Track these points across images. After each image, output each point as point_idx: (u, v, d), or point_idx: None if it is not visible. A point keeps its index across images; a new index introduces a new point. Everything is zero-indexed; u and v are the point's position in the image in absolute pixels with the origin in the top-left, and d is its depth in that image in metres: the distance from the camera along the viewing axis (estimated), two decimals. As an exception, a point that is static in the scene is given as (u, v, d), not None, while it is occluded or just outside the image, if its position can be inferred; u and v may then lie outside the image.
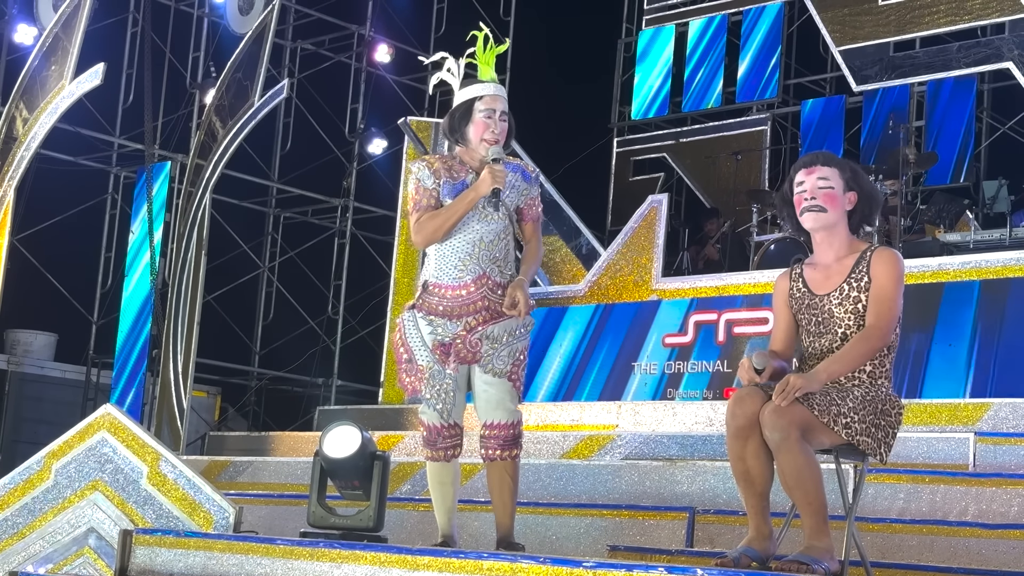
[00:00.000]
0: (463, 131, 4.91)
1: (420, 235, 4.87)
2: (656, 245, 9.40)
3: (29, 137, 10.27)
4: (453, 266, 4.85)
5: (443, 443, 4.87)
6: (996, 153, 13.25)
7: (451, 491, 4.94)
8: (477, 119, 4.88)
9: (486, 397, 4.83)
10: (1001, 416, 6.83)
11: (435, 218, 4.83)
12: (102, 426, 5.68)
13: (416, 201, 4.89)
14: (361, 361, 14.23)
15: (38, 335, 13.33)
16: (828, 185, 4.27)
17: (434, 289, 4.87)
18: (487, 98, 4.89)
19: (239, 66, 10.80)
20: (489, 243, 4.85)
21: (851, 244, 4.32)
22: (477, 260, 4.83)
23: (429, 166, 4.90)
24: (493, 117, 4.88)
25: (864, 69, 10.92)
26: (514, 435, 4.84)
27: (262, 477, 8.08)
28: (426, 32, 15.46)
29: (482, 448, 4.85)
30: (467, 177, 4.88)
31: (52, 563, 5.59)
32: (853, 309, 4.22)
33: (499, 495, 4.85)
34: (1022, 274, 7.81)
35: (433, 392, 4.84)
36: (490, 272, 4.84)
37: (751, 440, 4.09)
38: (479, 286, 4.83)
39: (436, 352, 4.82)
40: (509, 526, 4.85)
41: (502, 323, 4.82)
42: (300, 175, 14.71)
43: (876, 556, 4.97)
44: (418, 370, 4.85)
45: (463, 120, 4.91)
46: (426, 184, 4.87)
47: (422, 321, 4.87)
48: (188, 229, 10.57)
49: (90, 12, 10.27)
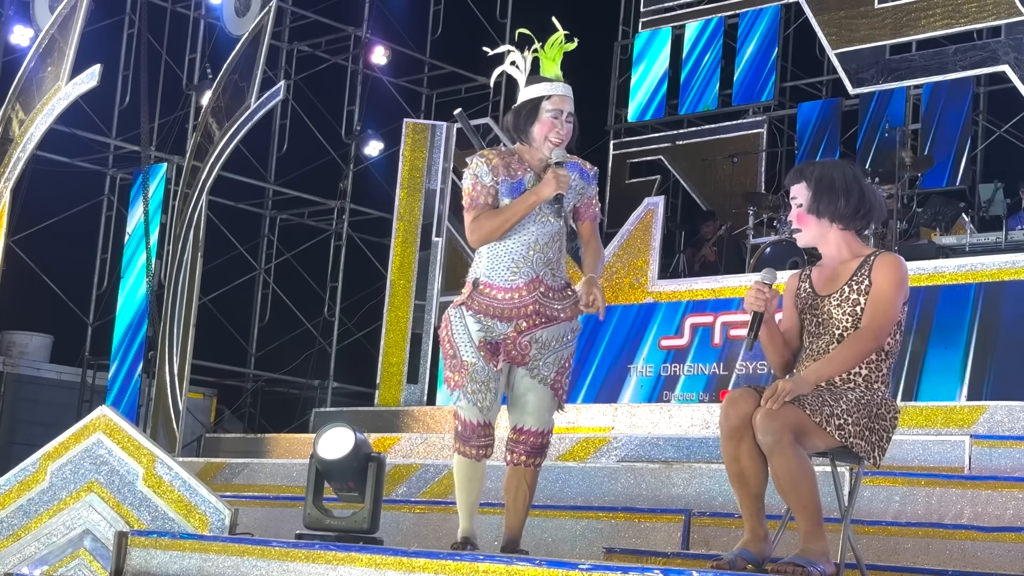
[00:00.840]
0: (528, 129, 4.79)
1: (476, 234, 4.75)
2: (652, 247, 9.40)
3: (25, 139, 10.26)
4: (506, 267, 4.75)
5: (477, 441, 4.79)
6: (992, 156, 13.26)
7: (477, 489, 4.88)
8: (544, 118, 4.76)
9: (523, 401, 4.78)
10: (997, 419, 6.84)
11: (494, 218, 4.71)
12: (98, 428, 5.67)
13: (473, 198, 4.77)
14: (357, 363, 14.23)
15: (34, 336, 13.32)
16: (798, 203, 4.34)
17: (485, 289, 4.77)
18: (555, 98, 4.78)
19: (235, 68, 10.80)
20: (544, 245, 4.76)
21: (854, 247, 4.32)
22: (531, 263, 4.75)
23: (488, 162, 4.78)
24: (560, 118, 4.76)
25: (860, 72, 10.93)
26: (543, 444, 4.81)
27: (258, 479, 8.07)
28: (423, 34, 15.48)
29: (508, 451, 4.80)
30: (525, 176, 4.78)
31: (47, 565, 5.59)
32: (851, 311, 4.22)
33: (514, 501, 4.81)
34: (1018, 277, 7.82)
35: (476, 388, 4.74)
36: (543, 276, 4.76)
37: (745, 441, 4.09)
38: (531, 290, 4.74)
39: (483, 350, 4.73)
40: (518, 531, 4.82)
41: (552, 328, 4.77)
42: (296, 177, 14.71)
43: (872, 559, 4.97)
44: (462, 365, 4.76)
45: (529, 118, 4.78)
46: (484, 181, 4.76)
47: (470, 319, 4.76)
48: (184, 231, 10.57)
49: (86, 13, 10.26)
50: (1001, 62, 10.21)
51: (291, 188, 14.72)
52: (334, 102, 15.00)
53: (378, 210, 14.49)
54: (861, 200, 4.31)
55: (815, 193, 4.30)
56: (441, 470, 7.13)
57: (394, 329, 10.41)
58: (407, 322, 10.37)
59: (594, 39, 14.76)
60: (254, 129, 10.72)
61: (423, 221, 10.59)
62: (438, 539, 6.14)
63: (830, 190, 4.29)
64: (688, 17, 13.42)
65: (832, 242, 4.32)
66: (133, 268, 11.37)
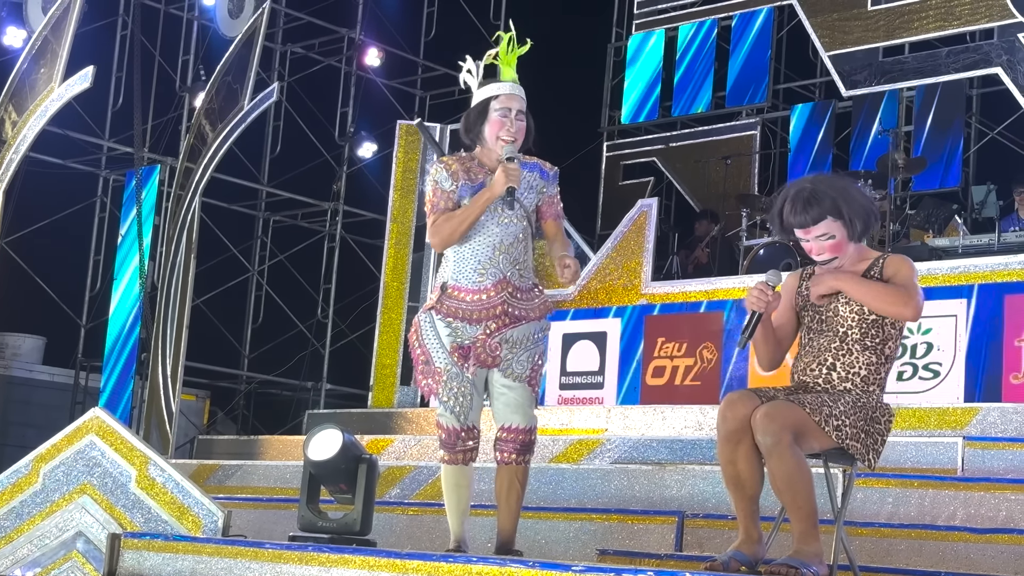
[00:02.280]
0: (479, 130, 4.84)
1: (436, 237, 4.80)
2: (646, 249, 9.41)
3: (18, 140, 10.25)
4: (472, 269, 4.79)
5: (461, 446, 4.82)
6: (985, 158, 13.28)
7: (466, 495, 4.90)
8: (493, 118, 4.81)
9: (505, 400, 4.80)
10: (990, 420, 6.85)
11: (451, 220, 4.75)
12: (90, 430, 5.66)
13: (434, 204, 4.83)
14: (350, 365, 14.23)
15: (26, 338, 13.30)
16: (829, 236, 4.22)
17: (453, 292, 4.80)
18: (503, 97, 4.82)
19: (229, 69, 10.79)
20: (508, 246, 4.80)
21: (862, 253, 4.32)
22: (497, 264, 4.78)
23: (447, 167, 4.83)
24: (509, 116, 4.80)
25: (853, 74, 10.94)
26: (530, 440, 4.82)
27: (251, 481, 8.06)
28: (416, 36, 15.47)
29: (496, 451, 4.83)
30: (486, 178, 4.81)
31: (40, 567, 5.58)
32: (859, 311, 4.23)
33: (506, 500, 4.82)
34: (1010, 279, 7.83)
35: (450, 394, 4.77)
36: (511, 276, 4.79)
37: (742, 444, 4.10)
38: (499, 291, 4.78)
39: (454, 354, 4.76)
40: (512, 532, 4.83)
41: (521, 327, 4.80)
42: (290, 179, 14.70)
43: (865, 560, 4.98)
44: (435, 372, 4.79)
45: (479, 119, 4.84)
46: (443, 186, 4.81)
47: (440, 323, 4.79)
48: (177, 232, 10.56)
49: (79, 15, 10.26)
50: (994, 64, 10.22)
51: (284, 190, 14.70)
52: (327, 104, 14.99)
53: (371, 212, 14.48)
54: (866, 205, 4.31)
55: (852, 219, 4.22)
56: (434, 472, 7.13)
57: (387, 331, 10.40)
58: (400, 324, 10.37)
59: (587, 41, 14.80)
60: (247, 131, 10.72)
61: (416, 223, 10.58)
62: (431, 541, 6.14)
63: (860, 211, 4.25)
64: (681, 19, 13.43)
65: (848, 254, 4.30)
66: (126, 270, 11.35)
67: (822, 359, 4.26)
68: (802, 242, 4.30)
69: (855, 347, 4.23)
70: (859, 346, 4.23)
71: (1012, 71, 10.02)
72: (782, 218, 4.27)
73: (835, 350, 4.25)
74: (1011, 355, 7.66)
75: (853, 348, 4.23)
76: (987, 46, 10.39)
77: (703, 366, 8.86)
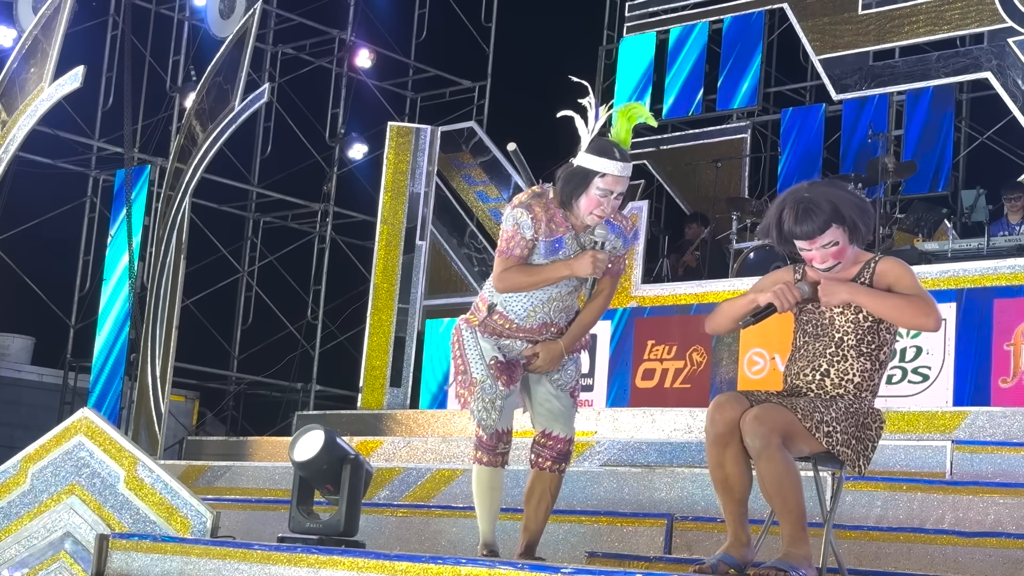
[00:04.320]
0: (575, 197, 4.69)
1: (503, 283, 4.77)
2: (636, 252, 9.41)
3: (8, 140, 10.22)
4: (522, 308, 4.81)
5: (503, 448, 4.84)
6: (974, 163, 13.32)
7: (499, 497, 4.91)
8: (593, 194, 4.64)
9: (550, 407, 4.85)
10: (978, 424, 6.86)
11: (524, 276, 4.72)
12: (79, 430, 5.65)
13: (509, 248, 4.73)
14: (340, 366, 14.21)
15: (15, 338, 13.27)
16: (833, 243, 4.19)
17: (498, 319, 4.83)
18: (610, 178, 4.64)
19: (220, 70, 10.78)
20: (563, 296, 4.83)
21: (856, 255, 4.30)
22: (547, 312, 4.82)
23: (533, 215, 4.70)
24: (608, 197, 4.66)
25: (844, 78, 10.96)
26: (568, 451, 4.87)
27: (240, 482, 8.05)
28: (407, 38, 15.47)
29: (533, 455, 4.85)
30: (565, 235, 4.74)
31: (28, 567, 5.56)
32: (854, 319, 4.22)
33: (536, 507, 4.84)
34: (999, 283, 7.86)
35: (481, 407, 4.78)
36: (558, 320, 4.85)
37: (730, 447, 4.10)
38: (543, 331, 4.84)
39: (493, 368, 4.79)
40: (537, 537, 4.85)
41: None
42: (280, 179, 14.68)
43: (853, 564, 4.98)
44: (471, 382, 4.82)
45: (579, 188, 4.66)
46: (524, 234, 4.71)
47: (483, 338, 4.85)
48: (167, 233, 10.54)
49: (70, 15, 10.23)
50: (984, 69, 10.24)
51: (275, 191, 14.69)
52: (318, 105, 14.98)
53: (362, 213, 14.47)
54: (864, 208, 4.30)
55: (851, 221, 4.20)
56: (424, 474, 7.13)
57: (377, 332, 10.39)
58: (390, 325, 10.36)
59: (578, 43, 14.80)
60: (238, 131, 10.70)
61: (407, 224, 10.58)
62: (421, 542, 6.14)
63: (859, 214, 4.23)
64: (672, 22, 13.43)
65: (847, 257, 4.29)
66: (115, 270, 11.33)
67: (816, 364, 4.25)
68: (803, 252, 4.25)
69: (850, 353, 4.23)
70: (855, 352, 4.22)
71: (1002, 76, 10.04)
72: (781, 228, 4.21)
73: (830, 356, 4.24)
74: (1000, 359, 7.68)
75: (848, 354, 4.23)
76: (977, 51, 10.41)
77: (693, 369, 8.86)
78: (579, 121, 4.80)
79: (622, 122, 4.82)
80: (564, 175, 4.72)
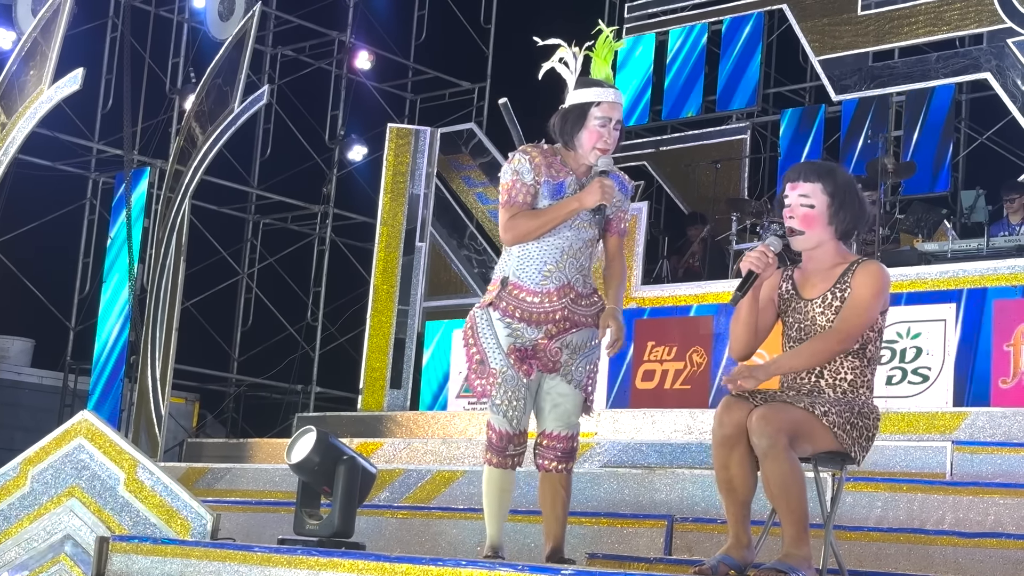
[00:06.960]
0: (575, 135, 4.66)
1: (511, 233, 4.64)
2: (636, 253, 9.41)
3: (7, 142, 10.22)
4: (537, 270, 4.66)
5: (512, 450, 4.68)
6: (974, 163, 13.31)
7: (508, 499, 4.77)
8: (592, 126, 4.63)
9: (556, 407, 4.70)
10: (978, 425, 6.86)
11: (532, 219, 4.61)
12: (79, 432, 5.64)
13: (512, 195, 4.65)
14: (340, 368, 14.21)
15: (15, 340, 13.27)
16: (808, 203, 4.20)
17: (513, 290, 4.66)
18: (605, 105, 4.64)
19: (219, 72, 10.78)
20: (577, 251, 4.69)
21: (842, 254, 4.29)
22: (563, 269, 4.67)
23: (531, 160, 4.66)
24: (608, 126, 4.64)
25: (843, 79, 10.96)
26: (573, 448, 4.72)
27: (240, 484, 8.05)
28: (407, 39, 15.48)
29: (538, 458, 4.71)
30: (567, 179, 4.67)
31: (28, 570, 5.56)
32: (832, 318, 4.22)
33: (552, 508, 4.71)
34: (999, 283, 7.86)
35: (505, 398, 4.63)
36: (575, 282, 4.69)
37: (737, 449, 4.09)
38: (561, 296, 4.66)
39: (511, 356, 4.63)
40: (561, 539, 4.71)
41: (581, 332, 4.70)
42: (280, 181, 14.69)
43: (854, 564, 4.98)
44: (490, 373, 4.64)
45: (577, 124, 4.65)
46: (524, 179, 4.64)
47: (499, 323, 4.66)
48: (167, 235, 10.54)
49: (69, 17, 10.23)
50: (983, 69, 10.24)
51: (274, 192, 14.70)
52: (318, 107, 14.99)
53: (361, 215, 14.48)
54: (864, 212, 4.30)
55: (839, 201, 4.20)
56: (424, 475, 7.13)
57: (377, 334, 10.39)
58: (390, 327, 10.36)
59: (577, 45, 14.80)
60: (237, 133, 10.70)
61: (406, 226, 10.58)
62: (420, 544, 6.14)
63: (851, 201, 4.22)
64: (672, 23, 13.44)
65: (827, 250, 4.27)
66: (115, 272, 11.33)
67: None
68: (785, 200, 4.25)
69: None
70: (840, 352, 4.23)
71: (1001, 76, 10.05)
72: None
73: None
74: (1000, 359, 7.68)
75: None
76: (976, 51, 10.42)
77: (693, 370, 8.86)
78: (561, 68, 4.82)
79: (599, 62, 4.82)
80: (560, 117, 4.73)
